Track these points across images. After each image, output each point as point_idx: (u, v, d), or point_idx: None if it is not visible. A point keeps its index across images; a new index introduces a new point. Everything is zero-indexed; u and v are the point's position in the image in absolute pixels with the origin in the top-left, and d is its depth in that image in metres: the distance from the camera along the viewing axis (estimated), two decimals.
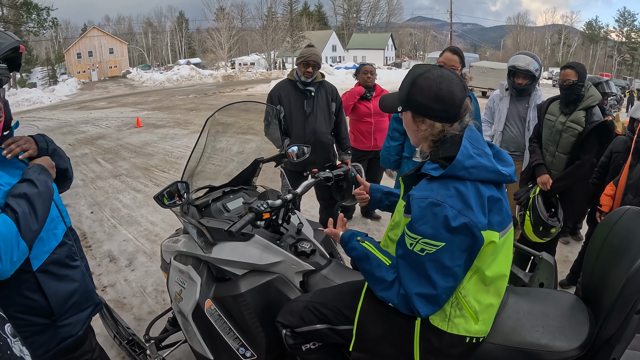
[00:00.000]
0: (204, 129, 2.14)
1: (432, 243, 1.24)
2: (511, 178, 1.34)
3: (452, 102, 1.31)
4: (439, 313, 1.34)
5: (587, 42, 65.67)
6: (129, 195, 6.17)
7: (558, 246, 3.53)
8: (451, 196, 1.24)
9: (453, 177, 1.27)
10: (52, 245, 1.51)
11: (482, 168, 1.27)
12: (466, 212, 1.22)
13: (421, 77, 1.34)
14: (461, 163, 1.25)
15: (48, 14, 22.33)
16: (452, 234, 1.22)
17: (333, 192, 3.38)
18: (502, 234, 1.30)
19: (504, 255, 1.36)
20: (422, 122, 1.37)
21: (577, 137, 2.97)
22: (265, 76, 38.01)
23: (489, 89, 21.03)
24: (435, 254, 1.25)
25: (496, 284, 1.35)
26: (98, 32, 55.45)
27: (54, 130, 12.81)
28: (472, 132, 1.35)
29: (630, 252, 1.31)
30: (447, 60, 2.95)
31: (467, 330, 1.34)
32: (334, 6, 76.03)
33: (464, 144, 1.29)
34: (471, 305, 1.33)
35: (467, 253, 1.26)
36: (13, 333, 0.77)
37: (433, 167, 1.31)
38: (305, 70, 3.40)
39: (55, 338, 1.53)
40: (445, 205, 1.22)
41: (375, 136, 4.25)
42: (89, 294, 1.66)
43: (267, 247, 1.86)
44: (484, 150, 1.32)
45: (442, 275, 1.26)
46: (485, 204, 1.26)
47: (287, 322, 1.68)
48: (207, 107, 17.14)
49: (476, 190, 1.26)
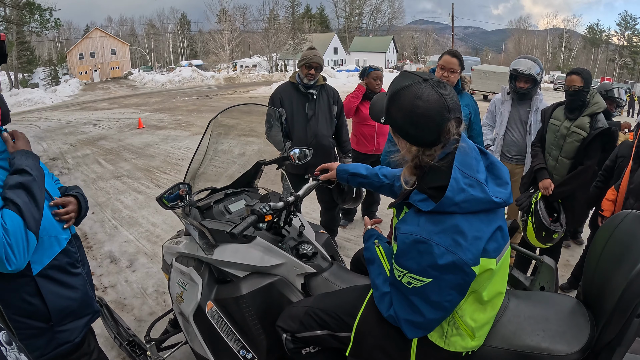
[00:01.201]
0: (206, 131, 2.15)
1: (419, 278, 1.20)
2: (505, 203, 1.24)
3: (426, 127, 1.18)
4: (437, 330, 1.34)
5: (588, 45, 65.68)
6: (130, 196, 6.17)
7: None
8: (438, 233, 1.16)
9: (442, 213, 1.18)
10: (55, 251, 1.49)
11: (474, 201, 1.18)
12: (454, 249, 1.15)
13: (400, 92, 1.22)
14: (451, 200, 1.16)
15: (51, 15, 22.37)
16: (439, 272, 1.17)
17: (334, 194, 3.38)
18: (498, 258, 1.26)
19: (501, 276, 1.34)
20: (399, 140, 1.29)
21: (581, 142, 2.97)
22: (266, 78, 38.03)
23: (490, 92, 21.04)
24: (422, 288, 1.21)
25: (492, 302, 1.34)
26: (100, 33, 55.56)
27: (56, 130, 12.84)
28: (464, 154, 1.21)
29: (630, 256, 1.31)
30: (446, 63, 2.95)
31: (463, 347, 1.35)
32: (336, 9, 76.21)
33: (454, 176, 1.17)
34: (468, 324, 1.32)
35: (457, 289, 1.21)
36: (8, 341, 0.77)
37: (421, 198, 1.22)
38: (308, 72, 3.41)
39: (52, 343, 1.52)
40: (431, 243, 1.16)
41: (377, 140, 4.25)
42: (89, 301, 1.64)
43: (268, 250, 1.87)
44: (476, 178, 1.20)
45: (431, 308, 1.24)
46: (476, 236, 1.19)
47: (287, 327, 1.67)
48: (209, 108, 17.17)
49: (467, 223, 1.18)
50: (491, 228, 1.23)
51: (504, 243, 1.29)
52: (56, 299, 1.49)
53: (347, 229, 4.72)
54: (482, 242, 1.19)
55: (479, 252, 1.19)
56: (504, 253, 1.31)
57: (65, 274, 1.53)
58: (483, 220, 1.21)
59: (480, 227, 1.20)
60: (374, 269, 1.45)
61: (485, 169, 1.27)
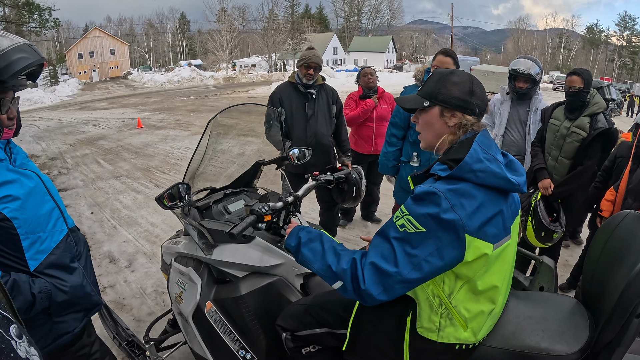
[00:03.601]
0: (205, 131, 2.14)
1: (415, 224, 1.22)
2: (520, 188, 1.31)
3: (482, 97, 1.36)
4: (430, 325, 1.33)
5: (587, 46, 65.78)
6: (129, 196, 6.17)
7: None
8: (450, 191, 1.22)
9: (459, 179, 1.25)
10: (50, 246, 1.50)
11: (490, 173, 1.25)
12: (459, 210, 1.20)
13: (451, 75, 1.37)
14: (469, 165, 1.24)
15: (50, 14, 22.32)
16: (437, 225, 1.20)
17: (334, 194, 3.38)
18: (496, 246, 1.27)
19: (499, 268, 1.32)
20: (451, 117, 1.36)
21: (581, 142, 2.97)
22: (266, 78, 38.06)
23: (489, 93, 20.95)
24: (411, 235, 1.22)
25: (487, 294, 1.33)
26: (99, 32, 55.57)
27: (55, 130, 12.84)
28: (485, 137, 1.33)
29: (630, 256, 1.31)
30: (440, 62, 2.94)
31: (456, 338, 1.34)
32: (335, 9, 76.35)
33: (474, 147, 1.28)
34: (461, 314, 1.31)
35: (441, 255, 1.21)
36: (18, 334, 0.77)
37: (441, 167, 1.30)
38: (307, 72, 3.41)
39: (51, 333, 1.53)
40: (442, 196, 1.20)
41: (375, 141, 4.25)
42: (87, 296, 1.65)
43: (267, 250, 1.87)
44: (494, 156, 1.30)
45: (407, 261, 1.22)
46: (484, 212, 1.23)
47: (287, 326, 1.68)
48: (208, 108, 17.18)
49: (479, 195, 1.24)
50: (496, 208, 1.27)
51: (504, 234, 1.30)
52: (54, 293, 1.50)
53: (347, 229, 4.72)
54: (484, 216, 1.23)
55: (479, 224, 1.22)
56: (503, 244, 1.30)
57: (62, 269, 1.54)
58: (492, 198, 1.27)
59: (486, 203, 1.25)
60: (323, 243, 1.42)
61: (505, 165, 1.34)
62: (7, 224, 1.34)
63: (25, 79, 1.37)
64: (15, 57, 1.31)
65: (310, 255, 1.42)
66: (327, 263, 1.36)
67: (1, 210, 1.33)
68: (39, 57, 1.38)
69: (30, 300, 1.39)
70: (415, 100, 1.41)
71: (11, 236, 1.36)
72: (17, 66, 1.31)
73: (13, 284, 1.34)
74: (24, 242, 1.39)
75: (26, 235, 1.39)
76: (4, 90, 1.34)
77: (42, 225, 1.46)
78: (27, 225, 1.39)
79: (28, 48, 1.36)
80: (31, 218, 1.41)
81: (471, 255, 1.22)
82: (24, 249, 1.40)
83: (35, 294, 1.40)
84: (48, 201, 1.51)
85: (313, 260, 1.40)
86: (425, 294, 1.33)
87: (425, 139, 1.43)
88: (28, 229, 1.40)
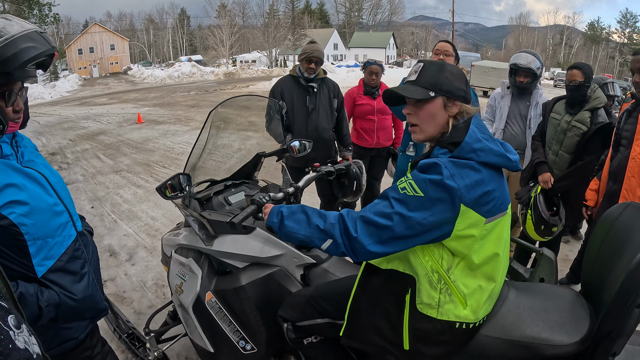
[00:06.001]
0: (206, 122, 2.14)
1: (415, 187, 1.26)
2: (517, 165, 1.37)
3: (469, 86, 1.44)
4: (429, 301, 1.34)
5: (589, 42, 65.64)
6: (129, 190, 6.17)
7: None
8: (451, 162, 1.27)
9: (460, 158, 1.29)
10: (59, 252, 1.44)
11: (490, 151, 1.31)
12: (458, 180, 1.24)
13: (448, 66, 1.41)
14: (469, 145, 1.30)
15: (50, 10, 22.31)
16: (435, 191, 1.24)
17: (334, 188, 3.39)
18: (488, 220, 1.30)
19: (493, 241, 1.35)
20: (453, 106, 1.39)
21: (582, 137, 2.98)
22: (266, 74, 37.95)
23: (490, 89, 20.99)
24: (410, 197, 1.26)
25: (484, 268, 1.35)
26: (99, 28, 55.39)
27: (55, 125, 12.82)
28: (479, 120, 1.40)
29: (630, 247, 1.31)
30: (440, 47, 3.03)
31: (456, 316, 1.34)
32: (335, 4, 76.21)
33: (472, 129, 1.33)
34: (460, 290, 1.33)
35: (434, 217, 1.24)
36: (17, 324, 0.76)
37: (442, 151, 1.35)
38: (308, 66, 3.40)
39: (56, 339, 1.51)
40: (442, 165, 1.25)
41: (377, 134, 4.24)
42: (95, 302, 1.62)
43: (268, 240, 1.87)
44: (491, 135, 1.37)
45: (403, 221, 1.25)
46: (482, 186, 1.27)
47: (288, 316, 1.68)
48: (208, 103, 17.14)
49: (482, 170, 1.29)
50: (495, 185, 1.31)
51: (499, 210, 1.34)
52: (62, 303, 1.47)
53: None
54: (482, 190, 1.27)
55: (476, 197, 1.26)
56: (496, 219, 1.33)
57: (70, 274, 1.49)
58: (492, 176, 1.32)
59: (487, 179, 1.29)
60: (307, 213, 1.43)
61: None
62: (13, 229, 1.27)
63: (34, 69, 1.28)
64: (24, 45, 1.21)
65: (295, 225, 1.41)
66: (314, 224, 1.37)
67: (7, 215, 1.26)
68: (49, 46, 1.29)
69: (36, 314, 1.33)
70: (419, 91, 1.39)
71: (18, 242, 1.29)
72: (25, 56, 1.21)
73: (20, 297, 1.28)
74: (31, 248, 1.32)
75: (33, 241, 1.32)
76: (11, 82, 1.24)
77: (50, 230, 1.39)
78: (34, 231, 1.32)
79: (38, 36, 1.26)
80: (39, 223, 1.34)
81: (462, 224, 1.26)
82: (31, 255, 1.33)
83: (43, 307, 1.34)
84: (57, 205, 1.44)
85: (298, 228, 1.40)
86: (424, 269, 1.34)
87: (426, 130, 1.41)
88: (35, 234, 1.33)
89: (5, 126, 1.27)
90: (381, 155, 4.38)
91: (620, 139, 2.54)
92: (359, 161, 3.36)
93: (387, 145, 4.34)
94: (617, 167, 2.54)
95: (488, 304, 1.40)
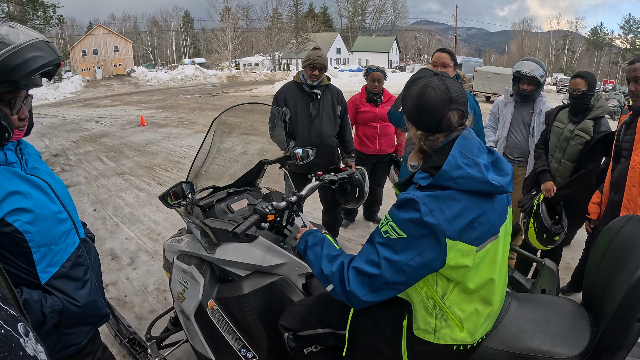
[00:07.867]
0: (209, 130, 2.15)
1: (397, 229, 1.24)
2: (503, 189, 1.28)
3: (430, 113, 1.29)
4: (426, 327, 1.34)
5: (591, 48, 65.62)
6: (132, 193, 6.18)
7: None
8: (429, 197, 1.23)
9: (439, 187, 1.25)
10: (62, 259, 1.46)
11: (470, 179, 1.24)
12: (438, 215, 1.20)
13: (414, 82, 1.36)
14: (447, 173, 1.24)
15: (54, 11, 22.32)
16: (417, 230, 1.21)
17: (337, 195, 3.39)
18: (480, 247, 1.27)
19: (487, 266, 1.33)
20: (409, 125, 1.38)
21: (584, 145, 2.98)
22: (269, 77, 38.06)
23: (493, 94, 21.00)
24: (394, 241, 1.24)
25: (480, 292, 1.34)
26: (103, 30, 55.57)
27: (58, 127, 12.87)
28: (465, 140, 1.30)
29: (632, 260, 1.31)
30: (437, 59, 2.90)
31: (453, 339, 1.35)
32: (339, 8, 76.40)
33: (452, 154, 1.26)
34: (456, 314, 1.33)
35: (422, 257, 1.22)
36: (25, 332, 0.77)
37: (422, 176, 1.30)
38: (312, 73, 3.40)
39: (58, 344, 1.51)
40: (419, 202, 1.21)
41: (380, 140, 4.25)
42: (97, 309, 1.63)
43: (270, 249, 1.87)
44: (474, 160, 1.27)
45: (389, 266, 1.24)
46: (466, 215, 1.23)
47: (289, 325, 1.68)
48: (211, 107, 17.18)
49: (462, 199, 1.24)
50: (479, 211, 1.26)
51: (489, 235, 1.30)
52: (65, 309, 1.48)
53: (349, 229, 4.72)
54: (466, 219, 1.23)
55: (461, 228, 1.22)
56: (488, 244, 1.30)
57: (73, 280, 1.51)
58: (475, 202, 1.26)
59: (469, 207, 1.25)
60: (324, 246, 1.48)
61: (491, 164, 1.34)
62: (18, 236, 1.29)
63: (40, 77, 1.29)
64: (30, 55, 1.22)
65: (312, 258, 1.48)
66: (321, 267, 1.41)
67: (12, 222, 1.28)
68: (55, 56, 1.30)
69: (40, 320, 1.35)
70: (397, 105, 1.43)
71: (22, 249, 1.31)
72: (31, 65, 1.22)
73: (24, 303, 1.29)
74: (35, 255, 1.34)
75: (37, 248, 1.34)
76: (16, 90, 1.25)
77: (54, 237, 1.41)
78: (38, 238, 1.34)
79: (45, 46, 1.27)
80: (43, 231, 1.35)
81: (453, 258, 1.23)
82: (35, 262, 1.35)
83: (47, 313, 1.36)
84: (61, 213, 1.45)
85: (314, 263, 1.47)
86: (419, 296, 1.34)
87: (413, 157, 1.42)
88: (40, 241, 1.35)
89: (10, 133, 1.28)
90: (383, 162, 4.40)
91: (621, 150, 2.55)
92: (362, 168, 3.36)
93: (390, 152, 4.35)
94: (618, 177, 2.54)
95: (487, 324, 1.41)
